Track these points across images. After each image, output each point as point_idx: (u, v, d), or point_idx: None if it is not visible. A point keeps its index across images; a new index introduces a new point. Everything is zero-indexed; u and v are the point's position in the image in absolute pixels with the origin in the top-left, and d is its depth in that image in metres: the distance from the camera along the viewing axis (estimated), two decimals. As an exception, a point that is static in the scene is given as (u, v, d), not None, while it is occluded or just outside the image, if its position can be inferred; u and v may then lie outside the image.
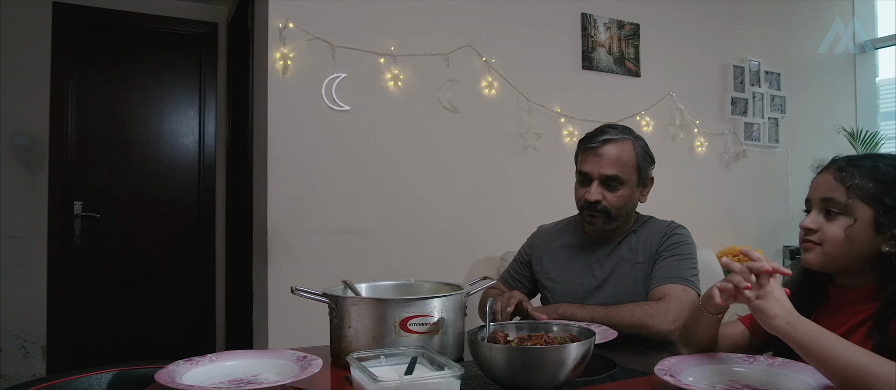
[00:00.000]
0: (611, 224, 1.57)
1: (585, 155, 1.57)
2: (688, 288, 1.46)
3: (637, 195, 1.59)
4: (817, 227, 1.07)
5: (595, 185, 1.54)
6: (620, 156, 1.54)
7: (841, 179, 1.06)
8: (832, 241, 1.05)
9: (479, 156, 2.94)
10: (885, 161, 1.07)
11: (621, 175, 1.53)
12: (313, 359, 1.10)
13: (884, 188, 1.03)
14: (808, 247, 1.09)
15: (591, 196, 1.53)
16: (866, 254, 1.04)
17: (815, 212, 1.09)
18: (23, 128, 3.30)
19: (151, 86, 3.71)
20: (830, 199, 1.06)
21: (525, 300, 1.49)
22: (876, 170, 1.05)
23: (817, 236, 1.07)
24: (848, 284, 1.09)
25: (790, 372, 1.05)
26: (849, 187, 1.04)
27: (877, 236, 1.02)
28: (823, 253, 1.07)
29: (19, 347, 3.28)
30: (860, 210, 1.03)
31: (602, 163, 1.53)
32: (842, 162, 1.09)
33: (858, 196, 1.04)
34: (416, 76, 2.78)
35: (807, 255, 1.09)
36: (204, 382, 1.03)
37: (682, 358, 1.12)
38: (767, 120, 3.80)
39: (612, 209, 1.54)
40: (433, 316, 1.20)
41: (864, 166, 1.06)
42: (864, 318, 1.03)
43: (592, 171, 1.54)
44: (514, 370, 1.00)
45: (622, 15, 3.34)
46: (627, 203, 1.56)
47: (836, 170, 1.08)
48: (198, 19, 3.77)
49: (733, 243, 3.57)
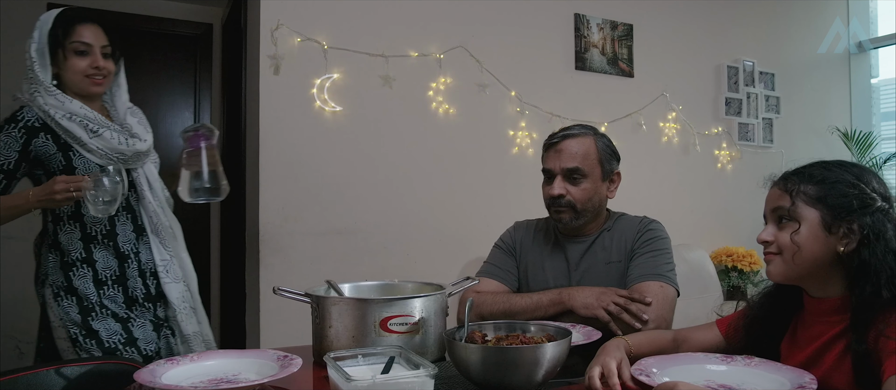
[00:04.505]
0: (578, 219, 1.57)
1: (548, 153, 1.61)
2: (665, 284, 1.46)
3: (603, 190, 1.60)
4: (772, 239, 1.08)
5: (558, 180, 1.56)
6: (580, 149, 1.56)
7: (786, 188, 1.07)
8: (786, 249, 1.05)
9: (471, 156, 2.95)
10: (832, 165, 1.07)
11: (582, 167, 1.55)
12: (293, 359, 1.11)
13: (826, 188, 1.03)
14: (768, 259, 1.09)
15: (554, 190, 1.55)
16: (823, 257, 1.03)
17: (769, 225, 1.10)
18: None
19: (146, 86, 3.71)
20: (778, 209, 1.07)
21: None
22: (819, 175, 1.05)
23: (774, 247, 1.07)
24: (819, 294, 1.08)
25: (767, 372, 1.06)
26: (792, 194, 1.05)
27: (829, 237, 1.02)
28: (782, 261, 1.06)
29: (14, 347, 3.29)
30: (805, 212, 1.04)
31: (562, 157, 1.56)
32: (788, 172, 1.10)
33: (802, 200, 1.04)
34: (408, 77, 2.79)
35: (769, 268, 1.10)
36: (183, 382, 1.04)
37: (659, 357, 1.13)
38: (762, 120, 3.81)
39: (577, 202, 1.55)
40: (414, 316, 1.20)
41: (807, 173, 1.07)
42: (840, 331, 1.02)
43: (554, 167, 1.57)
44: (490, 370, 1.00)
45: (615, 15, 3.34)
46: (592, 197, 1.56)
47: (782, 181, 1.09)
48: (192, 20, 3.78)
49: (727, 244, 3.58)
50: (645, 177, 3.37)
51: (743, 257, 3.46)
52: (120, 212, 1.71)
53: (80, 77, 1.67)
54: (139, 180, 1.78)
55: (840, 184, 1.03)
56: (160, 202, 1.83)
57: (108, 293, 1.67)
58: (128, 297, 1.71)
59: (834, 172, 1.05)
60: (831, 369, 1.02)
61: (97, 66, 1.69)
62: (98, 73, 1.70)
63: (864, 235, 0.99)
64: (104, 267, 1.68)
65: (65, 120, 1.63)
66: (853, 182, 1.03)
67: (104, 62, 1.71)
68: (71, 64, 1.67)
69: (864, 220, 0.99)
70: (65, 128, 1.62)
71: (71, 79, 1.68)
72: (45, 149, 1.63)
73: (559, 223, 1.60)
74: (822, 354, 1.04)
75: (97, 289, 1.66)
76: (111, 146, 1.67)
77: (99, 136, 1.65)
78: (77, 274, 1.65)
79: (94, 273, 1.66)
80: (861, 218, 1.00)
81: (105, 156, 1.67)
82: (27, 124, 1.62)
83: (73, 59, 1.66)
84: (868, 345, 0.94)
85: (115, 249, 1.70)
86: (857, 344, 0.96)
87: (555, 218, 1.60)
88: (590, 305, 1.41)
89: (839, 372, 1.01)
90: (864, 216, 1.00)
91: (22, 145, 1.61)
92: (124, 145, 1.70)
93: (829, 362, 1.03)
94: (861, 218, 1.00)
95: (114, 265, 1.69)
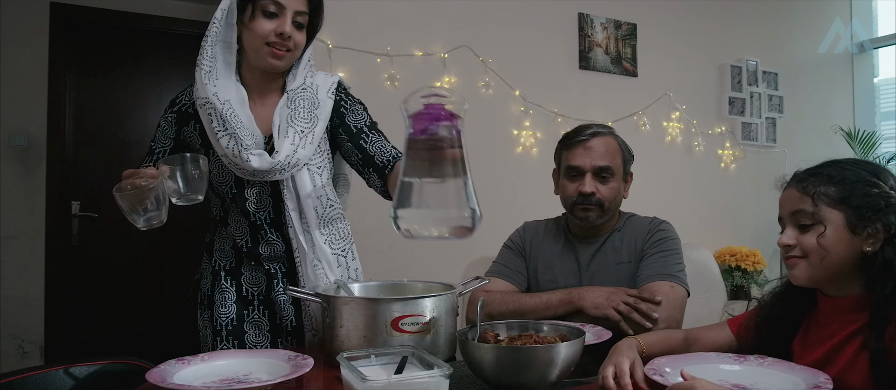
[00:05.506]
0: (603, 217, 1.57)
1: (574, 150, 1.58)
2: (676, 284, 1.46)
3: (622, 190, 1.60)
4: (795, 242, 1.06)
5: (588, 177, 1.54)
6: (609, 148, 1.56)
7: (804, 190, 1.05)
8: (812, 253, 1.04)
9: (475, 155, 2.93)
10: (846, 164, 1.06)
11: (612, 166, 1.55)
12: (304, 359, 1.10)
13: (848, 189, 1.02)
14: (791, 263, 1.08)
15: (586, 188, 1.53)
16: (849, 259, 1.02)
17: (788, 228, 1.08)
18: (20, 128, 3.30)
19: (149, 85, 3.71)
20: (799, 212, 1.05)
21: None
22: (837, 175, 1.04)
23: (798, 250, 1.06)
24: (835, 293, 1.07)
25: (781, 372, 1.06)
26: (813, 195, 1.04)
27: (854, 238, 1.01)
28: (808, 265, 1.05)
29: (17, 347, 3.28)
30: (828, 215, 1.02)
31: (593, 155, 1.54)
32: (802, 174, 1.09)
33: (824, 202, 1.03)
34: (412, 76, 2.78)
35: (793, 272, 1.08)
36: (194, 382, 1.03)
37: (672, 357, 1.13)
38: (765, 120, 3.81)
39: (604, 201, 1.54)
40: (425, 315, 1.20)
41: (824, 173, 1.05)
42: (856, 329, 1.01)
43: (584, 164, 1.55)
44: (504, 370, 1.00)
45: (619, 15, 3.34)
46: (617, 196, 1.57)
47: (797, 183, 1.08)
48: (195, 19, 3.77)
49: (730, 243, 3.57)
50: (648, 177, 3.36)
51: (746, 256, 3.46)
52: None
53: (259, 43, 1.32)
54: (284, 194, 1.40)
55: (860, 183, 1.02)
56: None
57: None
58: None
59: (850, 171, 1.04)
60: (846, 368, 1.02)
61: (282, 32, 1.31)
62: (282, 42, 1.32)
63: (891, 234, 0.98)
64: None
65: (201, 107, 1.34)
66: (872, 180, 1.02)
67: (293, 31, 1.33)
68: (255, 25, 1.31)
69: (889, 219, 0.99)
70: (202, 119, 1.35)
71: (248, 44, 1.34)
72: (191, 142, 1.41)
73: (584, 221, 1.57)
74: (837, 353, 1.04)
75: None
76: (226, 155, 1.33)
77: (217, 140, 1.33)
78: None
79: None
80: (886, 217, 0.99)
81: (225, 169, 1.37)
82: (181, 108, 1.41)
83: (259, 19, 1.31)
84: (885, 344, 0.94)
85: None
86: (875, 342, 0.95)
87: (580, 216, 1.57)
88: (600, 305, 1.40)
89: (854, 371, 1.00)
90: (889, 215, 0.99)
91: (175, 132, 1.41)
92: (238, 157, 1.31)
93: (843, 361, 1.02)
94: (886, 217, 0.99)
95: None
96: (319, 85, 1.43)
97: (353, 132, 1.46)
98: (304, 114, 1.38)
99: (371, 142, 1.47)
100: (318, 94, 1.41)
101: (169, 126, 1.43)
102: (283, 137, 1.35)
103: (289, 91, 1.39)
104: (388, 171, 1.43)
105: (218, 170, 1.39)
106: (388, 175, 1.42)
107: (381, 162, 1.44)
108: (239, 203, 1.42)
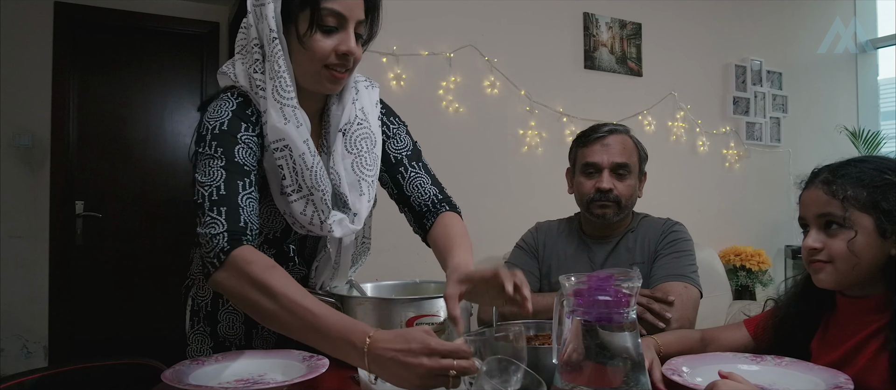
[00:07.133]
0: (619, 214, 1.57)
1: (591, 147, 1.58)
2: (689, 285, 1.46)
3: (637, 188, 1.61)
4: (822, 246, 1.03)
5: (606, 174, 1.55)
6: (626, 145, 1.58)
7: (832, 192, 1.02)
8: (841, 258, 1.01)
9: (481, 155, 2.94)
10: (868, 164, 1.04)
11: (629, 163, 1.56)
12: (320, 359, 1.09)
13: (878, 193, 1.00)
14: (817, 267, 1.05)
15: (604, 184, 1.53)
16: (877, 262, 1.00)
17: (814, 231, 1.05)
18: (24, 127, 3.30)
19: (153, 85, 3.71)
20: (827, 214, 1.03)
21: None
22: (864, 176, 1.02)
23: (824, 254, 1.03)
24: (857, 294, 1.06)
25: (800, 372, 1.05)
26: (842, 199, 1.01)
27: (884, 243, 0.99)
28: (835, 270, 1.02)
29: (21, 347, 3.28)
30: (859, 219, 1.00)
31: (611, 152, 1.55)
32: (826, 174, 1.05)
33: (855, 206, 1.00)
34: (418, 76, 2.78)
35: (819, 276, 1.05)
36: (210, 382, 1.03)
37: (689, 357, 1.12)
38: (769, 119, 3.80)
39: (622, 198, 1.55)
40: (439, 315, 1.19)
41: (850, 174, 1.02)
42: (876, 329, 1.00)
43: (602, 161, 1.55)
44: (522, 370, 0.99)
45: (624, 14, 3.34)
46: (633, 194, 1.58)
47: (823, 184, 1.04)
48: (199, 19, 3.77)
49: (735, 243, 3.57)
50: (653, 176, 3.32)
51: (751, 256, 3.46)
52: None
53: (317, 66, 1.06)
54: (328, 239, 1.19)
55: (890, 186, 1.01)
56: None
57: None
58: None
59: (876, 173, 1.02)
60: (865, 369, 1.01)
61: (347, 52, 1.07)
62: (344, 63, 1.08)
63: None
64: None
65: (269, 144, 1.08)
66: None
67: (355, 46, 1.09)
68: (314, 44, 1.05)
69: None
70: (264, 157, 1.10)
71: (301, 65, 1.07)
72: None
73: (601, 218, 1.57)
74: (856, 354, 1.03)
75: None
76: (297, 221, 1.13)
77: (287, 202, 1.10)
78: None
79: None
80: None
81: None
82: (252, 119, 1.11)
83: (317, 35, 1.05)
84: None
85: None
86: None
87: (597, 213, 1.57)
88: None
89: (873, 371, 0.99)
90: None
91: (260, 152, 1.10)
92: (316, 227, 1.11)
93: (863, 362, 1.02)
94: None
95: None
96: (368, 111, 1.21)
97: (391, 162, 1.29)
98: (368, 159, 1.17)
99: (408, 177, 1.31)
100: (372, 128, 1.20)
101: (252, 141, 1.09)
102: (354, 193, 1.14)
103: (342, 129, 1.16)
104: (429, 225, 1.30)
105: (268, 217, 1.16)
106: (429, 228, 1.30)
107: (418, 205, 1.32)
108: (276, 245, 1.24)
